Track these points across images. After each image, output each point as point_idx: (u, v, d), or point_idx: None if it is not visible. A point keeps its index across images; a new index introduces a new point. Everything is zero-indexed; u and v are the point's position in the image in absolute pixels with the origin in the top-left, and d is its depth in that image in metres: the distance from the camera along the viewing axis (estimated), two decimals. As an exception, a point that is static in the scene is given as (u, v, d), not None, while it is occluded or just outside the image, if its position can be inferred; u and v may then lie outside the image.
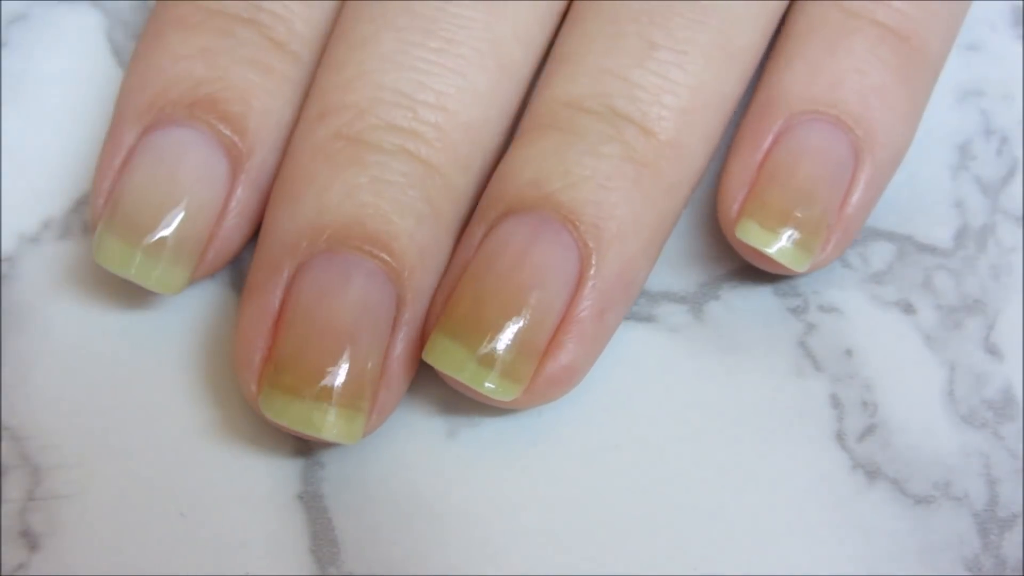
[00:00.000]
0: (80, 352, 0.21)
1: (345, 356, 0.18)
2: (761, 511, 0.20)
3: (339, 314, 0.18)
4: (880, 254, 0.22)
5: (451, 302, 0.19)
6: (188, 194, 0.19)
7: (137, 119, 0.20)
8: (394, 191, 0.19)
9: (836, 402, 0.21)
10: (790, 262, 0.20)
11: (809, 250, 0.20)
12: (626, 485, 0.20)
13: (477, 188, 0.21)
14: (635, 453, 0.20)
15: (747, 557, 0.20)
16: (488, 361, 0.19)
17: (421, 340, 0.20)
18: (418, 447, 0.20)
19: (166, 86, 0.20)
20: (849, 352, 0.21)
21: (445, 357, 0.19)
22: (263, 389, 0.19)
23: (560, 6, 0.22)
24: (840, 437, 0.21)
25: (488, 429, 0.20)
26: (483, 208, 0.20)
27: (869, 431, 0.21)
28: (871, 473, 0.20)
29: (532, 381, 0.19)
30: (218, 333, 0.21)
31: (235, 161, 0.20)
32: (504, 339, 0.19)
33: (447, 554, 0.19)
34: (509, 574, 0.19)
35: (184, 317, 0.21)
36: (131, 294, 0.21)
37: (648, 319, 0.22)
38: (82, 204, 0.22)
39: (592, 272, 0.19)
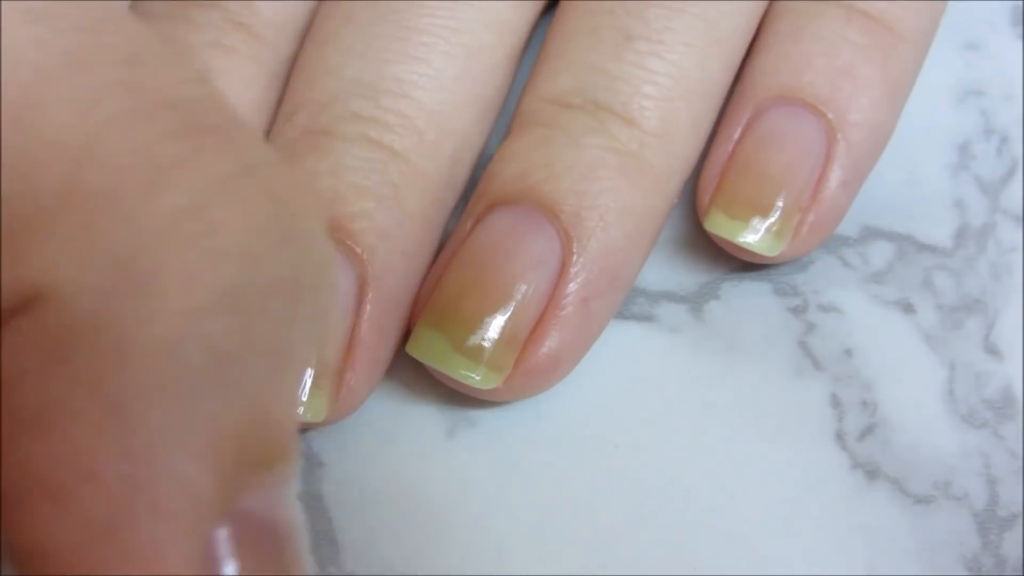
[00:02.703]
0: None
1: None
2: (761, 511, 0.20)
3: None
4: (880, 254, 0.22)
5: (434, 294, 0.19)
6: None
7: None
8: (353, 176, 0.19)
9: (836, 402, 0.21)
10: (759, 249, 0.20)
11: (780, 236, 0.20)
12: (625, 485, 0.20)
13: (454, 175, 0.21)
14: (634, 453, 0.20)
15: (747, 557, 0.20)
16: (469, 351, 0.19)
17: (396, 323, 0.20)
18: (418, 447, 0.20)
19: None
20: (849, 352, 0.21)
21: (427, 348, 0.19)
22: None
23: None
24: (840, 437, 0.21)
25: (488, 429, 0.20)
26: (470, 204, 0.20)
27: (869, 431, 0.21)
28: (871, 473, 0.20)
29: (514, 370, 0.19)
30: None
31: None
32: (485, 329, 0.19)
33: (447, 554, 0.19)
34: (509, 574, 0.19)
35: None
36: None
37: (648, 319, 0.22)
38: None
39: (575, 260, 0.19)
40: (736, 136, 0.21)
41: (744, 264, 0.22)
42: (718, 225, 0.20)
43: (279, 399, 0.12)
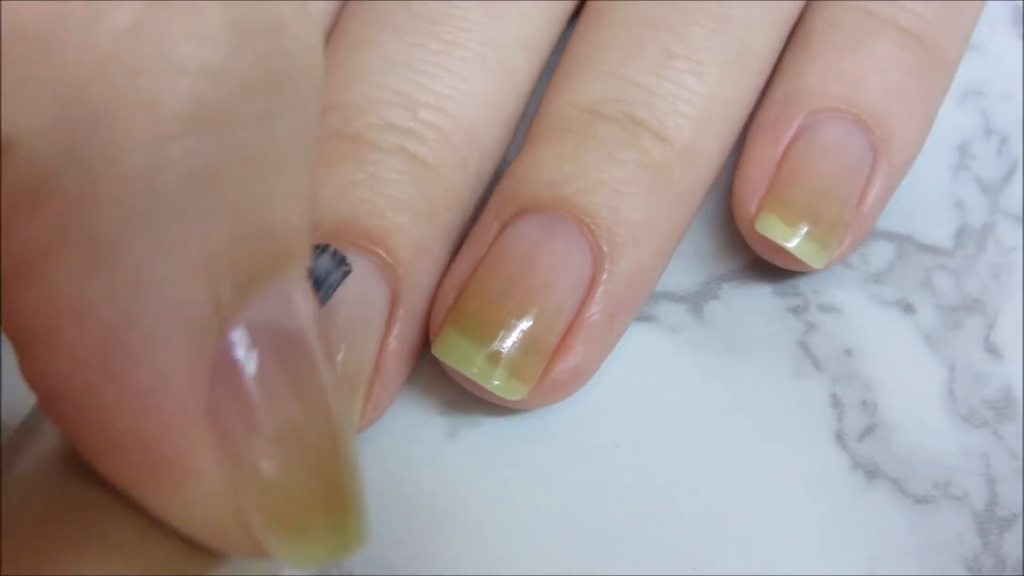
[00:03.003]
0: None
1: (339, 352, 0.18)
2: (761, 511, 0.20)
3: (333, 309, 0.18)
4: (880, 254, 0.22)
5: (462, 297, 0.19)
6: None
7: None
8: (391, 188, 0.19)
9: (836, 402, 0.21)
10: (808, 258, 0.20)
11: (827, 247, 0.20)
12: (626, 485, 0.20)
13: (476, 190, 0.21)
14: (635, 453, 0.20)
15: (747, 557, 0.20)
16: (497, 359, 0.19)
17: (417, 336, 0.20)
18: (418, 447, 0.20)
19: None
20: (849, 352, 0.21)
21: (454, 352, 0.19)
22: None
23: (565, 10, 0.22)
24: (840, 437, 0.21)
25: (488, 429, 0.20)
26: (497, 205, 0.20)
27: (869, 431, 0.21)
28: (871, 473, 0.20)
29: (539, 382, 0.19)
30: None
31: None
32: (514, 338, 0.19)
33: (447, 554, 0.19)
34: (509, 574, 0.19)
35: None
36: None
37: (648, 319, 0.22)
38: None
39: (605, 276, 0.19)
40: (786, 141, 0.21)
41: (744, 264, 0.22)
42: (771, 229, 0.20)
43: (277, 203, 0.11)
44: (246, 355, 0.11)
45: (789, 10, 0.21)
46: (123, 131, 0.10)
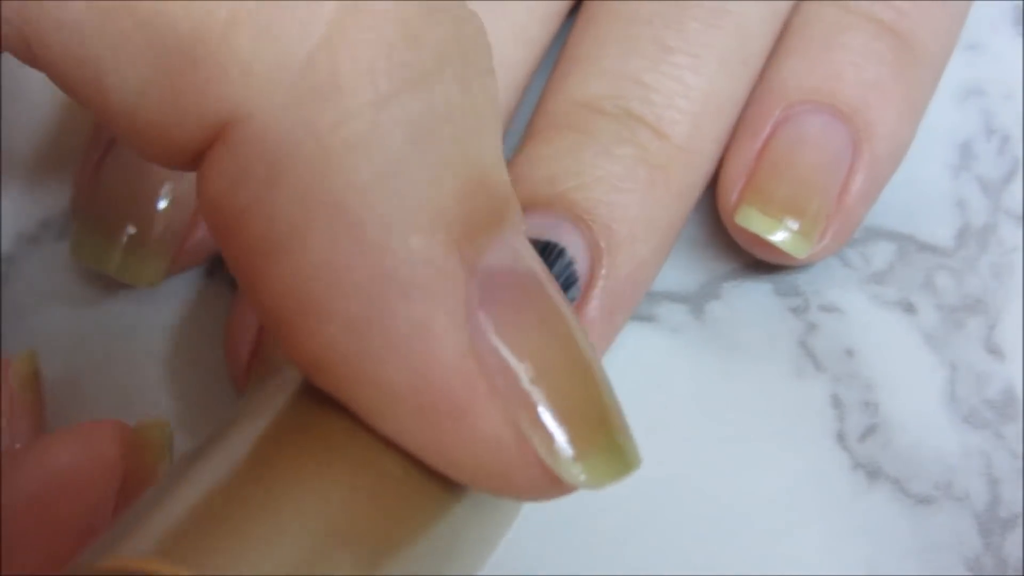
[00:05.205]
0: (80, 352, 0.21)
1: None
2: (761, 511, 0.20)
3: None
4: (881, 254, 0.22)
5: None
6: (166, 187, 0.19)
7: None
8: None
9: (837, 402, 0.21)
10: (790, 249, 0.20)
11: (809, 237, 0.20)
12: (625, 485, 0.20)
13: None
14: (635, 453, 0.20)
15: (747, 557, 0.20)
16: None
17: None
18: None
19: None
20: (850, 352, 0.21)
21: None
22: None
23: (562, 6, 0.22)
24: (841, 437, 0.21)
25: (488, 429, 0.20)
26: None
27: (870, 431, 0.21)
28: (872, 473, 0.20)
29: None
30: (221, 334, 0.21)
31: None
32: None
33: (447, 554, 0.19)
34: (509, 574, 0.19)
35: (187, 318, 0.21)
36: (132, 294, 0.21)
37: (648, 319, 0.22)
38: (82, 204, 0.22)
39: (603, 272, 0.19)
40: (764, 135, 0.21)
41: (745, 264, 0.22)
42: (751, 221, 0.20)
43: (487, 160, 0.12)
44: (494, 297, 0.12)
45: (783, 8, 0.21)
46: (349, 97, 0.12)
